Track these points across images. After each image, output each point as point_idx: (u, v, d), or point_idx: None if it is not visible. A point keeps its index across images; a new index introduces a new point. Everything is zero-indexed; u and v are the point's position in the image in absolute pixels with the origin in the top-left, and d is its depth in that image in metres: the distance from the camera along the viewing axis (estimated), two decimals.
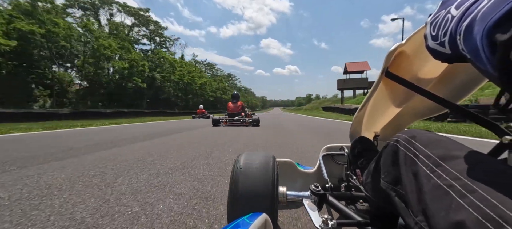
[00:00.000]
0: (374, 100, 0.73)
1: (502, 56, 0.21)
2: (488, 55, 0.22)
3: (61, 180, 1.58)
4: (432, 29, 0.33)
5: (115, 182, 1.54)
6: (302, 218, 1.01)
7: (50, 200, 1.24)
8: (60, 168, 1.93)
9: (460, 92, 0.69)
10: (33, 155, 2.48)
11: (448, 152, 0.33)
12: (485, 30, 0.22)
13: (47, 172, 1.79)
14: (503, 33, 0.20)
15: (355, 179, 0.74)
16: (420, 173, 0.33)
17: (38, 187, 1.45)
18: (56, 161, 2.19)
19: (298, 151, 2.74)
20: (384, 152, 0.44)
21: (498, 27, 0.21)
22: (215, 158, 2.31)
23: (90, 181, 1.57)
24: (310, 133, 4.92)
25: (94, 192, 1.36)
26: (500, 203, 0.22)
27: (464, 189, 0.26)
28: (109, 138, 4.02)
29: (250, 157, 0.71)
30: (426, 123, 7.04)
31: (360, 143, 0.80)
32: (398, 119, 0.87)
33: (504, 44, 0.20)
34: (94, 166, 1.98)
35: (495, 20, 0.21)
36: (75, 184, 1.50)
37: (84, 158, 2.30)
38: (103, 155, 2.48)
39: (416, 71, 0.66)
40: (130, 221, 0.99)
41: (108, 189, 1.41)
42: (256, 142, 3.56)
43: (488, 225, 0.21)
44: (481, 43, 0.22)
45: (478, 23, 0.23)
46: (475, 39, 0.23)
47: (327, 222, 0.53)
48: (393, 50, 0.57)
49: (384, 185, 0.42)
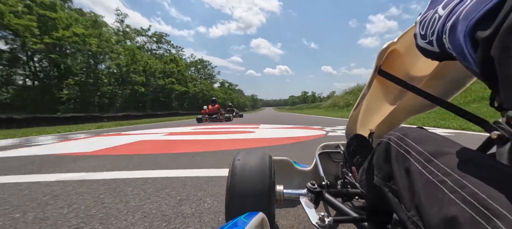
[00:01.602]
0: (368, 98, 0.74)
1: (483, 53, 0.21)
2: (471, 53, 0.23)
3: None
4: (421, 28, 0.33)
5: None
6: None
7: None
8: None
9: (451, 89, 0.71)
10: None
11: (439, 148, 0.33)
12: (468, 28, 0.22)
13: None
14: (483, 30, 0.21)
15: (351, 176, 0.75)
16: (412, 169, 0.34)
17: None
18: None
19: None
20: (377, 150, 0.45)
21: (479, 25, 0.21)
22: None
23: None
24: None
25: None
26: (489, 197, 0.23)
27: (455, 185, 0.27)
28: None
29: (246, 156, 0.71)
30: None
31: (356, 140, 0.81)
32: (392, 116, 0.88)
33: (484, 41, 0.21)
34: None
35: (476, 19, 0.22)
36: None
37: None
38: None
39: (408, 69, 0.67)
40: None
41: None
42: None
43: (479, 219, 0.22)
44: (464, 41, 0.23)
45: (461, 22, 0.23)
46: (459, 38, 0.24)
47: (323, 219, 0.54)
48: (385, 48, 0.57)
49: (378, 182, 0.42)
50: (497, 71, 0.20)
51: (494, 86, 0.23)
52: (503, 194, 0.22)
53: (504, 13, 0.20)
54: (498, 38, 0.20)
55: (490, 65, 0.22)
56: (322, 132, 4.78)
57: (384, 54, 0.59)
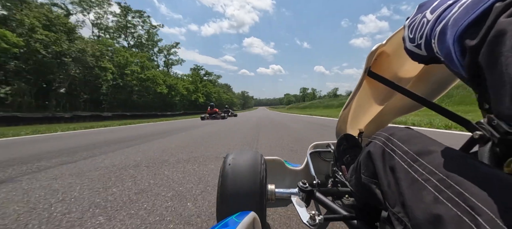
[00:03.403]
0: (358, 99, 0.75)
1: (471, 60, 0.22)
2: (459, 59, 0.23)
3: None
4: (410, 31, 0.34)
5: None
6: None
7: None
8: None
9: (436, 91, 0.73)
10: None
11: (425, 147, 0.34)
12: (456, 35, 0.23)
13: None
14: (471, 40, 0.21)
15: (341, 175, 0.76)
16: (398, 168, 0.34)
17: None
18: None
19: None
20: (365, 149, 0.46)
21: (467, 33, 0.22)
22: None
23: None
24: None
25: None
26: (472, 195, 0.24)
27: (440, 184, 0.27)
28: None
29: (238, 155, 0.71)
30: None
31: (345, 140, 0.82)
32: (381, 116, 0.91)
33: (472, 50, 0.21)
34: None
35: (464, 26, 0.22)
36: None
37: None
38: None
39: (396, 71, 0.69)
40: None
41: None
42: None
43: (463, 218, 0.23)
44: (453, 47, 0.23)
45: (450, 28, 0.24)
46: (448, 44, 0.24)
47: (314, 218, 0.55)
48: (374, 50, 0.59)
49: (365, 180, 0.43)
50: (486, 77, 0.21)
51: (480, 90, 0.24)
52: (485, 192, 0.23)
53: (490, 22, 0.20)
54: (485, 46, 0.20)
55: (477, 71, 0.22)
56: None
57: (373, 56, 0.60)
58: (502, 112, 0.20)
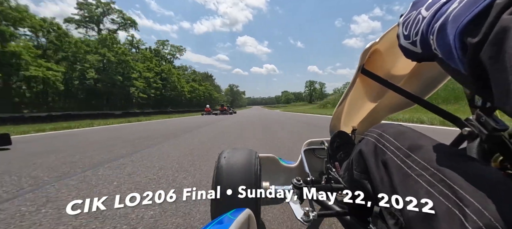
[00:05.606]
0: (352, 96, 0.76)
1: (472, 57, 0.22)
2: (460, 56, 0.23)
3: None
4: (404, 29, 0.34)
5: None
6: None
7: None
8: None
9: (427, 88, 0.75)
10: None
11: (416, 143, 0.35)
12: (457, 31, 0.22)
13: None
14: (473, 37, 0.21)
15: (335, 172, 0.77)
16: (390, 164, 0.35)
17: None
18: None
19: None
20: (358, 146, 0.47)
21: (468, 29, 0.22)
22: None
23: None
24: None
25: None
26: (461, 189, 0.24)
27: (433, 178, 0.28)
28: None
29: (232, 153, 0.71)
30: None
31: (339, 137, 0.83)
32: (374, 113, 0.92)
33: (474, 46, 0.21)
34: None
35: (466, 22, 0.22)
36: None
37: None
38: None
39: (389, 68, 0.70)
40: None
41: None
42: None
43: (454, 210, 0.24)
44: (453, 43, 0.23)
45: (450, 24, 0.23)
46: (448, 40, 0.24)
47: (308, 214, 0.55)
48: (368, 48, 0.59)
49: (358, 176, 0.44)
50: (489, 73, 0.21)
51: (478, 86, 0.24)
52: (473, 186, 0.24)
53: (492, 18, 0.20)
54: (488, 43, 0.20)
55: (478, 67, 0.22)
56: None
57: (367, 54, 0.61)
58: (507, 109, 0.19)
